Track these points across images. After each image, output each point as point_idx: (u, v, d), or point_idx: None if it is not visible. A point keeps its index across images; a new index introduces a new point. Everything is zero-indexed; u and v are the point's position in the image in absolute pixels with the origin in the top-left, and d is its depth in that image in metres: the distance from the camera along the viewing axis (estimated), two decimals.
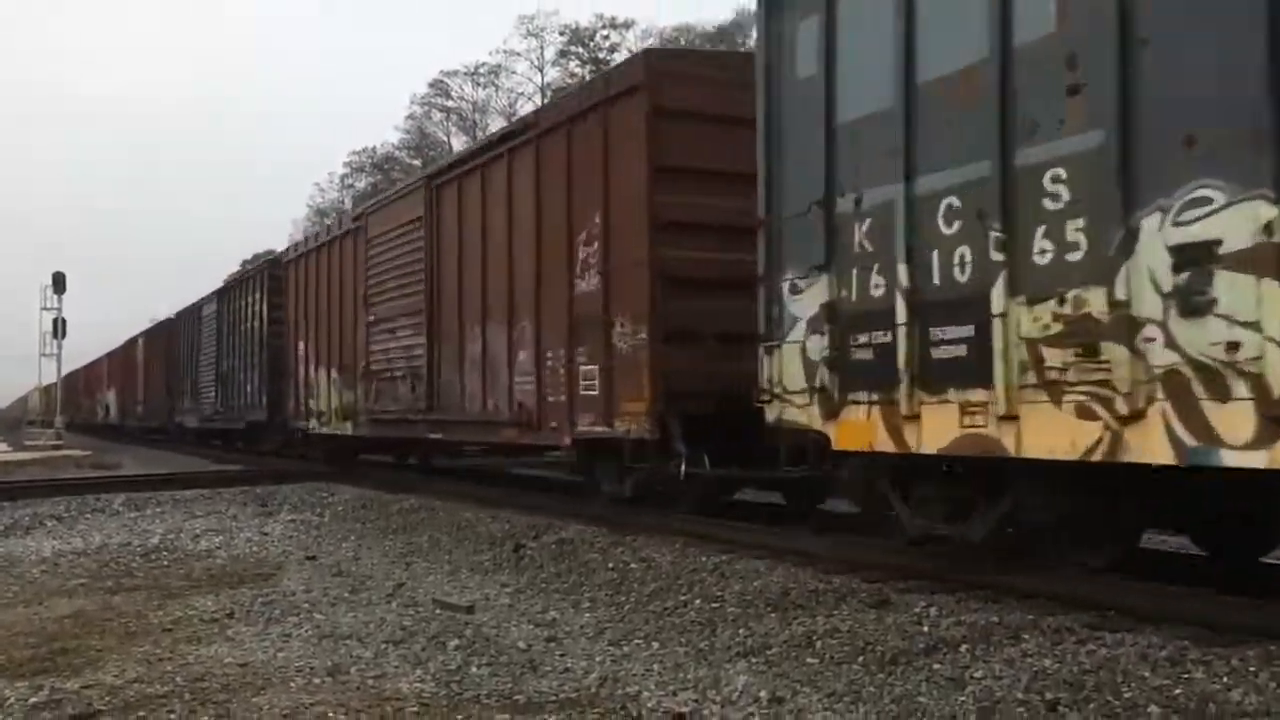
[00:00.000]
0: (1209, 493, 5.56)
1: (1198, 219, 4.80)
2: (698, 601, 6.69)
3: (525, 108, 54.75)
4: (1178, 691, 4.22)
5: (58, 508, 12.57)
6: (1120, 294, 5.10)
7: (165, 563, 9.31)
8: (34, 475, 18.81)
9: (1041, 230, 5.51)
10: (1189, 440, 4.81)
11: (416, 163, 59.74)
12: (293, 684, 5.18)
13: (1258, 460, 4.52)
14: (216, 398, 25.05)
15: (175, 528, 11.18)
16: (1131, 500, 5.81)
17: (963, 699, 4.57)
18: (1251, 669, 4.33)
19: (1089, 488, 5.74)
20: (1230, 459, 4.64)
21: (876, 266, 6.54)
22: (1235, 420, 4.61)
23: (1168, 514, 6.35)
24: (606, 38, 58.56)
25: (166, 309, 34.86)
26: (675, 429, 8.91)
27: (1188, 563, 6.97)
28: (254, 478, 15.81)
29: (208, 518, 12.03)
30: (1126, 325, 5.07)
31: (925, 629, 5.46)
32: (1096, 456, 5.20)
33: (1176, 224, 4.89)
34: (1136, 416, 5.00)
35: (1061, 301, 5.41)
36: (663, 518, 9.34)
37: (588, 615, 6.74)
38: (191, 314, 28.78)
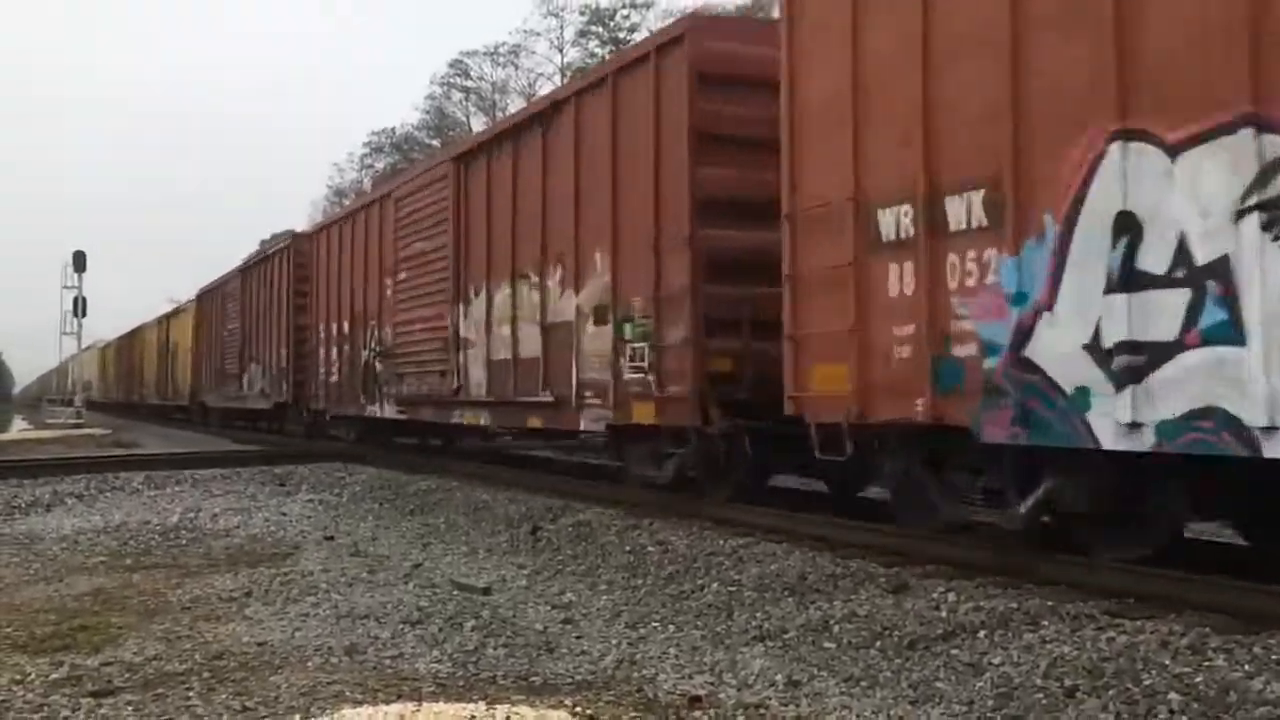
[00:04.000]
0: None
1: None
2: (714, 585, 6.68)
3: (545, 87, 54.62)
4: (1198, 679, 4.18)
5: (78, 485, 12.66)
6: None
7: (184, 541, 9.37)
8: (54, 453, 18.93)
9: None
10: None
11: (435, 143, 59.72)
12: (310, 663, 5.20)
13: None
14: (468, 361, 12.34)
15: (194, 507, 11.24)
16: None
17: (980, 685, 4.55)
18: (1274, 657, 4.28)
19: None
20: None
21: None
22: None
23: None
24: (627, 17, 58.24)
25: (186, 291, 34.38)
26: None
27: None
28: (272, 458, 15.87)
29: (226, 497, 12.09)
30: None
31: (943, 614, 5.43)
32: None
33: None
34: None
35: None
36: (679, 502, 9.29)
37: (604, 598, 6.75)
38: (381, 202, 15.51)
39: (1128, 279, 5.24)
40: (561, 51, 60.30)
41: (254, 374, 23.08)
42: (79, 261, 36.83)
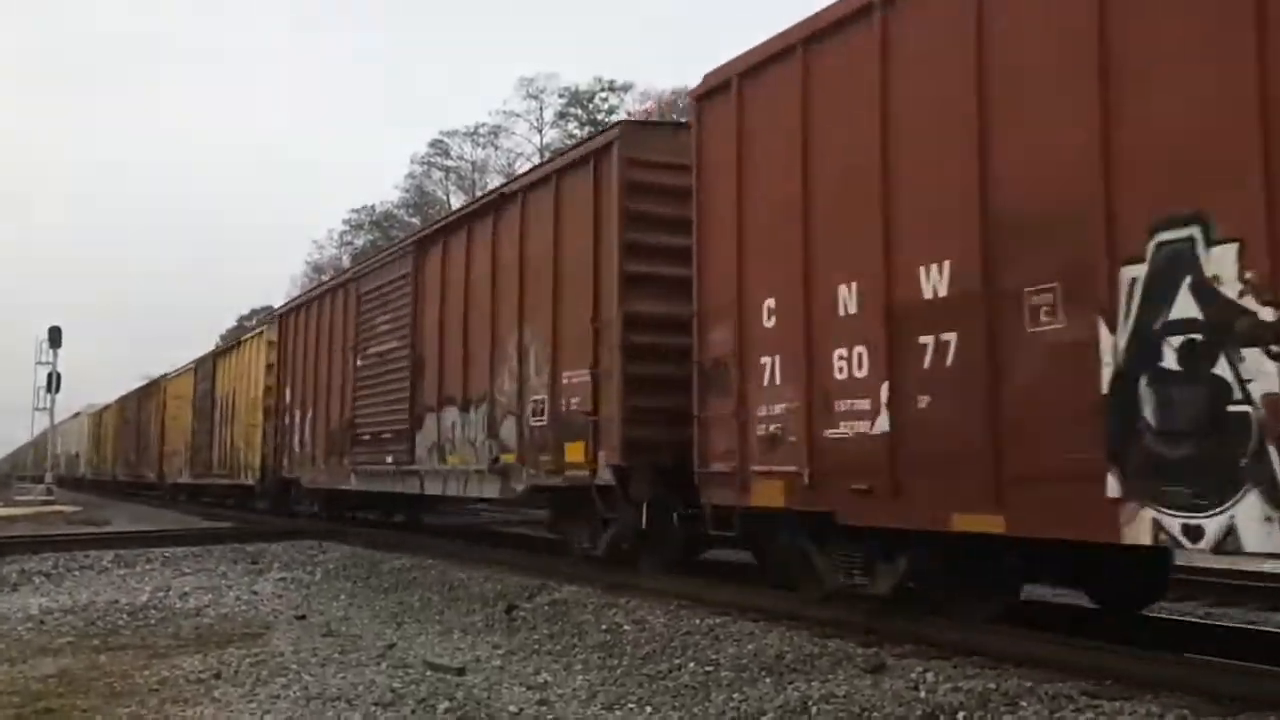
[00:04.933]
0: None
1: None
2: (691, 665, 6.62)
3: (523, 167, 55.25)
4: None
5: (46, 564, 12.44)
6: None
7: (153, 621, 9.20)
8: (23, 532, 18.63)
9: None
10: None
11: (415, 220, 60.18)
12: None
13: None
14: None
15: (164, 585, 11.06)
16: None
17: None
18: None
19: None
20: None
21: None
22: None
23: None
24: (605, 100, 59.38)
25: (162, 367, 33.80)
26: None
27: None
28: (244, 535, 15.66)
29: (197, 575, 11.91)
30: None
31: (922, 695, 5.39)
32: None
33: None
34: None
35: None
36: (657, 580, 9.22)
37: (580, 678, 6.66)
38: None
39: None
40: (541, 132, 61.29)
41: (448, 426, 12.62)
42: (55, 337, 36.57)
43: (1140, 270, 5.21)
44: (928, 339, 6.36)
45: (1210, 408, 4.86)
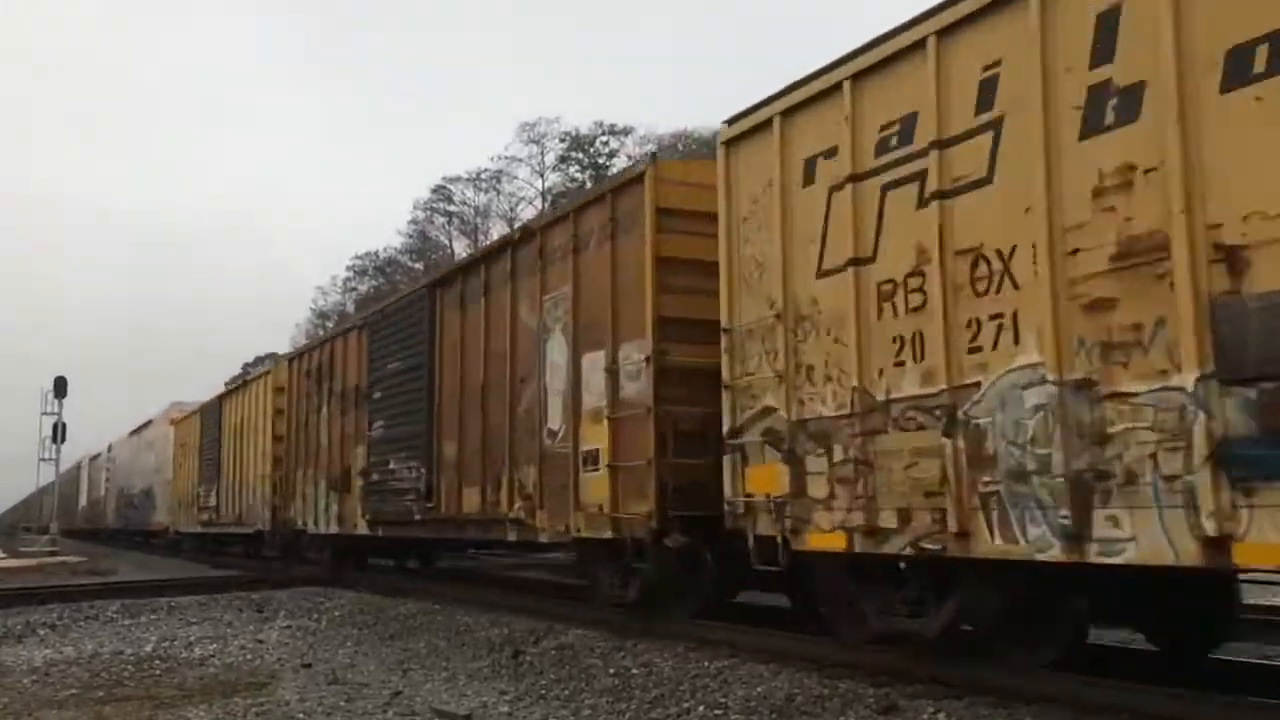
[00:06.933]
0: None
1: None
2: (700, 708, 6.55)
3: (526, 212, 55.69)
4: None
5: (50, 615, 12.39)
6: None
7: (158, 671, 9.14)
8: (28, 582, 18.57)
9: None
10: None
11: (419, 266, 60.46)
12: None
13: None
14: None
15: (169, 635, 11.00)
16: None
17: None
18: None
19: None
20: None
21: None
22: None
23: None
24: (606, 144, 59.83)
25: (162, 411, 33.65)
26: None
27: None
28: (251, 583, 15.61)
29: (203, 624, 11.85)
30: None
31: None
32: None
33: None
34: None
35: None
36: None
37: None
38: None
39: None
40: (543, 176, 61.70)
41: None
42: (60, 388, 36.51)
43: None
44: None
45: None
